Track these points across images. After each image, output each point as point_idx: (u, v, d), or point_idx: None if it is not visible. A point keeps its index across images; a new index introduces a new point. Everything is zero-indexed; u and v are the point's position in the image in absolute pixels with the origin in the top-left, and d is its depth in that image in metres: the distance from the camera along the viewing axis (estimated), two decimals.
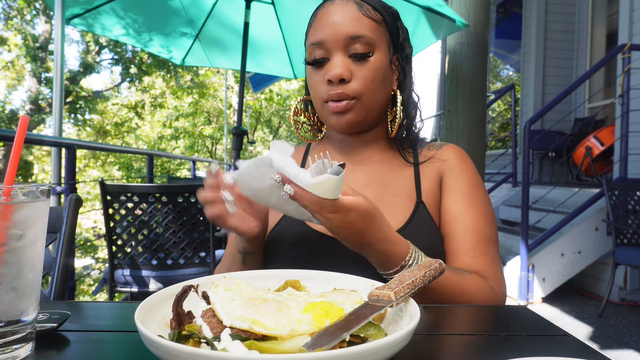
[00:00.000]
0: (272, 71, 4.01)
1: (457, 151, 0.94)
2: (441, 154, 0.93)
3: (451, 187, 0.90)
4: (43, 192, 0.49)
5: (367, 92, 0.84)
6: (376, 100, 0.86)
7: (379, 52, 0.85)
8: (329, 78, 0.83)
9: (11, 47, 14.51)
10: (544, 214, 4.54)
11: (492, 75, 10.16)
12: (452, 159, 0.92)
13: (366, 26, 0.83)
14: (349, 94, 0.83)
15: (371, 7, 0.86)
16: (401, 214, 0.86)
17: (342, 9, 0.84)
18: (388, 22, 0.88)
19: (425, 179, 0.90)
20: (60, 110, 2.69)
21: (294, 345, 0.42)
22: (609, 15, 6.23)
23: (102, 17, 2.99)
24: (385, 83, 0.88)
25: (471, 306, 0.73)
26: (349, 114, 0.85)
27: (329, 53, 0.84)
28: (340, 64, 0.83)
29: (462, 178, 0.90)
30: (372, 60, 0.84)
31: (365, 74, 0.83)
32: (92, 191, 14.56)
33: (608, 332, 3.18)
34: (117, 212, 2.32)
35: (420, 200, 0.88)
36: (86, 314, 0.62)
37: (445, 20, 2.65)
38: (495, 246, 0.87)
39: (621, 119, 4.21)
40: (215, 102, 20.51)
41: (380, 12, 0.87)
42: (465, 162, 0.93)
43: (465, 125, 2.88)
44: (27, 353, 0.47)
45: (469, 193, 0.89)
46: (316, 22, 0.87)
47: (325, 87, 0.85)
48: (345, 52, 0.84)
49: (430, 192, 0.89)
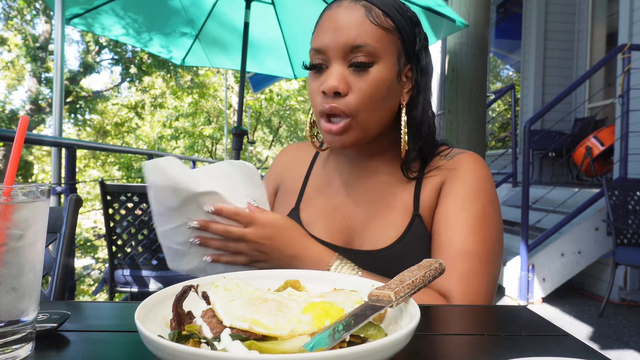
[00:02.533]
0: (272, 71, 4.01)
1: (467, 160, 0.85)
2: (451, 164, 0.85)
3: (443, 197, 0.83)
4: (43, 192, 0.49)
5: (365, 109, 0.77)
6: (375, 118, 0.79)
7: (383, 63, 0.77)
8: (323, 90, 0.77)
9: (11, 47, 14.51)
10: (544, 214, 4.54)
11: (492, 75, 10.16)
12: (459, 168, 0.84)
13: (371, 34, 0.76)
14: (343, 110, 0.76)
15: (382, 12, 0.77)
16: (395, 228, 0.82)
17: (347, 14, 0.77)
18: (401, 29, 0.79)
19: (426, 190, 0.84)
20: (60, 110, 2.69)
21: (294, 345, 0.42)
22: (609, 15, 6.23)
23: (102, 17, 2.99)
24: (390, 98, 0.80)
25: (471, 306, 0.73)
26: (344, 136, 0.78)
27: (328, 61, 0.78)
28: (337, 75, 0.76)
29: (460, 188, 0.82)
30: (372, 72, 0.76)
31: (364, 88, 0.76)
32: (92, 191, 14.56)
33: (608, 332, 3.18)
34: (117, 212, 2.32)
35: (417, 213, 0.82)
36: (86, 314, 0.61)
37: (445, 20, 2.65)
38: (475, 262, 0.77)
39: (621, 119, 4.21)
40: (215, 102, 20.51)
41: (393, 18, 0.78)
42: (471, 170, 0.84)
43: (465, 125, 2.88)
44: (27, 353, 0.47)
45: (458, 204, 0.81)
46: (320, 25, 0.80)
47: (320, 98, 0.78)
48: (344, 61, 0.77)
49: (429, 203, 0.83)
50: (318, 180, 0.94)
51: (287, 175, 0.99)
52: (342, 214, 0.87)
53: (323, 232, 0.86)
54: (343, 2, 0.79)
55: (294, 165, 1.00)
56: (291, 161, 1.01)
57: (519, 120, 6.69)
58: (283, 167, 1.01)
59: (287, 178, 0.99)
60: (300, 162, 0.99)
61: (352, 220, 0.86)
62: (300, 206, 0.91)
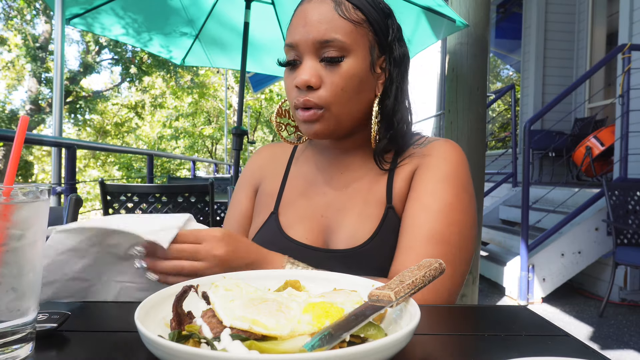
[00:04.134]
0: (272, 71, 4.01)
1: (441, 145, 0.84)
2: (424, 151, 0.84)
3: (415, 183, 0.81)
4: (43, 192, 0.49)
5: (337, 101, 0.78)
6: (349, 110, 0.80)
7: (355, 56, 0.78)
8: (296, 84, 0.78)
9: (11, 47, 14.52)
10: (544, 214, 4.54)
11: (492, 75, 10.16)
12: (433, 155, 0.83)
13: (339, 29, 0.76)
14: (316, 102, 0.77)
15: (352, 5, 0.78)
16: (370, 222, 0.81)
17: (316, 9, 0.78)
18: (373, 22, 0.80)
19: (398, 180, 0.83)
20: (60, 110, 2.69)
21: (294, 345, 0.42)
22: (609, 15, 6.23)
23: (102, 17, 2.98)
24: (363, 90, 0.80)
25: (471, 306, 0.73)
26: (317, 124, 0.79)
27: (301, 56, 0.79)
28: (308, 69, 0.77)
29: (432, 172, 0.80)
30: (344, 66, 0.77)
31: (336, 82, 0.77)
32: (92, 191, 14.56)
33: (608, 332, 3.18)
34: (117, 212, 2.33)
35: (390, 205, 0.82)
36: (86, 314, 0.61)
37: (445, 20, 2.65)
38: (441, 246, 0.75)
39: (621, 119, 4.21)
40: (215, 102, 20.52)
41: (363, 10, 0.79)
42: (445, 156, 0.82)
43: (466, 126, 2.88)
44: (27, 353, 0.47)
45: (429, 189, 0.79)
46: (292, 22, 0.81)
47: (295, 92, 0.79)
48: (316, 56, 0.78)
49: (401, 193, 0.82)
50: (296, 181, 0.92)
51: (263, 176, 0.97)
52: (320, 214, 0.86)
53: (302, 234, 0.84)
54: None
55: (271, 166, 0.97)
56: (266, 163, 0.98)
57: (519, 120, 6.69)
58: (258, 168, 0.99)
59: (263, 179, 0.96)
60: (277, 163, 0.97)
61: (329, 219, 0.85)
62: (279, 210, 0.89)
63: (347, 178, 0.88)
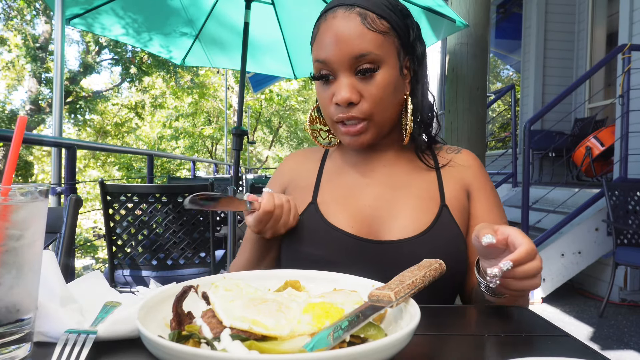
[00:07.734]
0: (272, 71, 4.00)
1: (475, 159, 0.95)
2: (460, 159, 0.93)
3: (478, 196, 0.90)
4: (41, 192, 0.49)
5: (378, 112, 0.82)
6: (389, 115, 0.84)
7: (387, 65, 0.81)
8: (336, 102, 0.81)
9: (11, 47, 14.52)
10: (544, 214, 4.54)
11: (492, 75, 10.16)
12: (473, 166, 0.93)
13: (370, 42, 0.79)
14: (359, 116, 0.81)
15: (376, 15, 0.80)
16: (425, 216, 0.84)
17: (345, 25, 0.79)
18: (396, 27, 0.82)
19: (448, 182, 0.89)
20: (60, 111, 2.69)
21: (294, 345, 0.42)
22: (609, 16, 6.23)
23: (102, 17, 2.98)
24: (397, 93, 0.84)
25: (471, 306, 0.73)
26: (362, 136, 0.83)
27: (334, 72, 0.81)
28: (347, 87, 0.79)
29: (488, 188, 0.92)
30: (379, 77, 0.80)
31: (374, 93, 0.80)
32: (92, 191, 14.56)
33: (608, 333, 3.18)
34: (117, 212, 2.32)
35: (444, 203, 0.86)
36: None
37: (445, 21, 2.65)
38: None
39: (621, 119, 4.21)
40: (215, 102, 20.52)
41: (387, 19, 0.81)
42: (484, 170, 0.94)
43: (466, 126, 2.88)
44: (25, 353, 0.47)
45: (497, 204, 0.91)
46: (319, 37, 0.83)
47: (333, 108, 0.82)
48: (350, 71, 0.80)
49: (455, 196, 0.88)
50: (332, 174, 0.94)
51: (296, 175, 0.98)
52: (364, 204, 0.87)
53: (347, 223, 0.85)
54: (337, 11, 0.81)
55: (303, 166, 0.99)
56: (299, 164, 1.00)
57: (519, 121, 6.69)
58: (290, 169, 1.00)
59: (297, 177, 0.97)
60: (310, 162, 0.99)
61: (378, 210, 0.86)
62: (318, 200, 0.90)
63: (391, 171, 0.91)
